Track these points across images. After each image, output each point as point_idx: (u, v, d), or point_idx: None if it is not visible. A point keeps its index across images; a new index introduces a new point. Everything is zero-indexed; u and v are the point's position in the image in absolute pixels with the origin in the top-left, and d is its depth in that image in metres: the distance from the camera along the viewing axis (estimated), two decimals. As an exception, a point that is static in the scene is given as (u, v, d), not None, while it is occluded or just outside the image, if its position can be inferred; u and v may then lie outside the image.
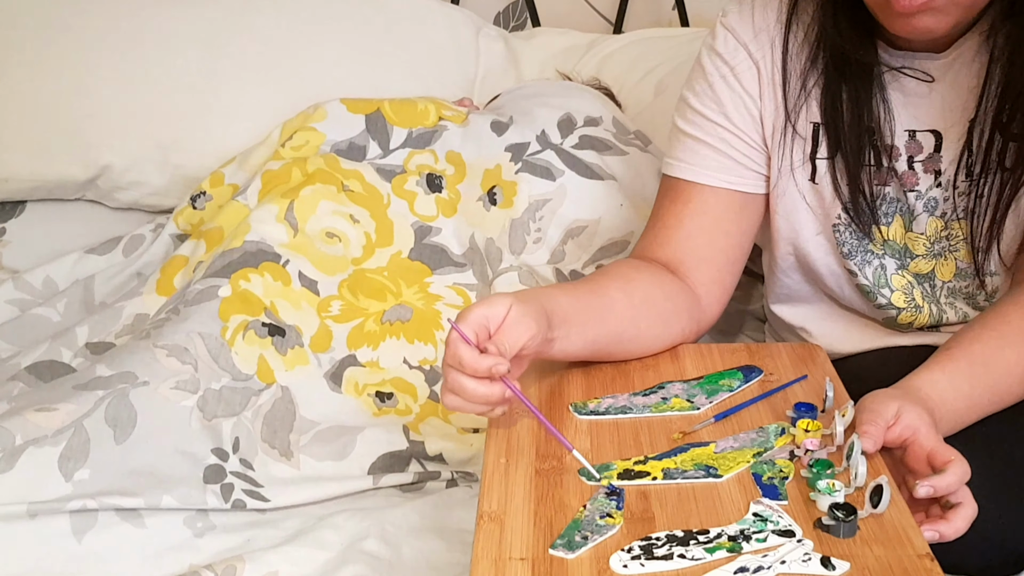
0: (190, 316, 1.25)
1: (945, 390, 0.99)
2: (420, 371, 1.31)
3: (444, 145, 1.46)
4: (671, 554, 0.82)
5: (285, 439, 1.19)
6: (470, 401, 0.94)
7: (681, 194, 1.17)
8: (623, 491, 0.89)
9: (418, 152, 1.44)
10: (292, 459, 1.18)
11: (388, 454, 1.20)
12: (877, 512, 0.85)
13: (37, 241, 1.61)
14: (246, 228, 1.35)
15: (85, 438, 1.10)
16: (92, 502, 1.06)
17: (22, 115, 1.62)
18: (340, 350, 1.30)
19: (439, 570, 1.06)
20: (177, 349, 1.21)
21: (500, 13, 1.94)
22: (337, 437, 1.21)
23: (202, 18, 1.67)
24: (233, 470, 1.15)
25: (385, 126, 1.41)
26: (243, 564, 1.05)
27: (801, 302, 1.27)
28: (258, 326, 1.26)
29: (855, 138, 1.11)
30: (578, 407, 1.02)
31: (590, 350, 1.06)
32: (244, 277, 1.30)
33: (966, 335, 1.05)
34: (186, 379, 1.19)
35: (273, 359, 1.25)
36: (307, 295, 1.33)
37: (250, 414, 1.19)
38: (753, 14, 1.15)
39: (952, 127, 1.11)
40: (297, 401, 1.23)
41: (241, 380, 1.22)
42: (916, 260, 1.17)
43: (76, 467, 1.08)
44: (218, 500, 1.12)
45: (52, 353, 1.32)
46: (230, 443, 1.17)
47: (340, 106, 1.46)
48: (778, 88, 1.14)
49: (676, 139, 1.19)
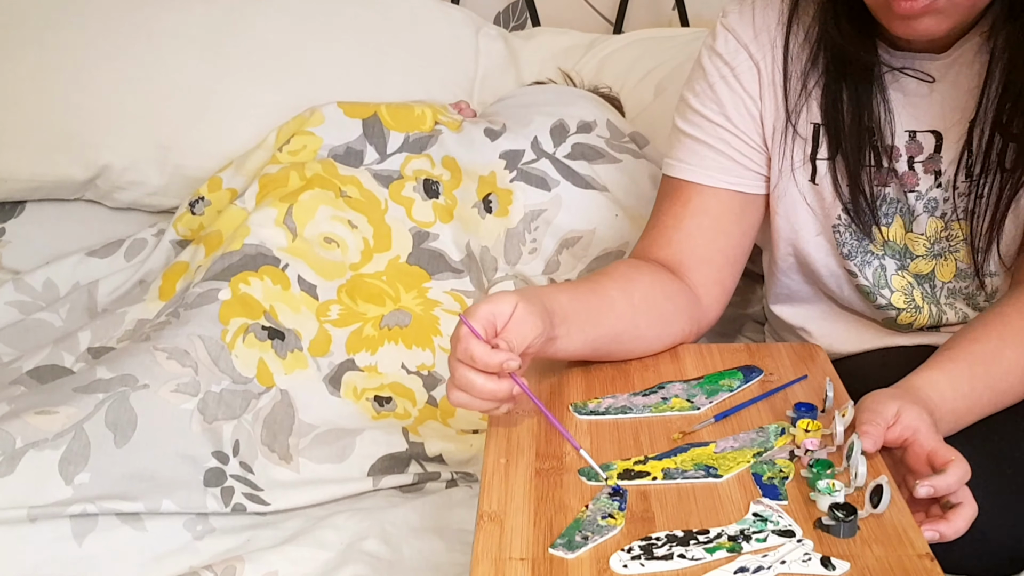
0: (190, 319, 1.25)
1: (945, 390, 0.99)
2: (418, 376, 1.31)
3: (440, 150, 1.46)
4: (671, 554, 0.82)
5: (284, 442, 1.19)
6: (478, 397, 0.93)
7: (681, 194, 1.17)
8: (627, 492, 0.89)
9: (415, 157, 1.44)
10: (291, 462, 1.18)
11: (388, 456, 1.20)
12: (877, 512, 0.85)
13: (37, 241, 1.61)
14: (245, 231, 1.35)
15: (85, 441, 1.10)
16: (92, 506, 1.06)
17: (22, 115, 1.62)
18: (339, 354, 1.30)
19: (439, 570, 1.06)
20: (177, 352, 1.21)
21: (500, 13, 1.94)
22: (336, 440, 1.21)
23: (202, 18, 1.67)
24: (233, 473, 1.15)
25: (382, 130, 1.41)
26: (243, 564, 1.05)
27: (801, 302, 1.27)
28: (258, 329, 1.26)
29: (855, 139, 1.11)
30: (578, 407, 1.02)
31: (590, 349, 1.06)
32: (244, 280, 1.30)
33: (966, 335, 1.05)
34: (186, 382, 1.19)
35: (273, 362, 1.25)
36: (306, 299, 1.33)
37: (250, 417, 1.19)
38: (753, 15, 1.15)
39: (952, 127, 1.11)
40: (296, 404, 1.23)
41: (241, 383, 1.22)
42: (916, 261, 1.17)
43: (76, 470, 1.08)
44: (218, 504, 1.12)
45: (54, 358, 1.32)
46: (230, 446, 1.17)
47: (337, 110, 1.46)
48: (778, 89, 1.14)
49: (676, 139, 1.19)
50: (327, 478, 1.18)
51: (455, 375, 0.94)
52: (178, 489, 1.10)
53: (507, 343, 0.93)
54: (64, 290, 1.47)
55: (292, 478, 1.17)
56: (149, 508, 1.08)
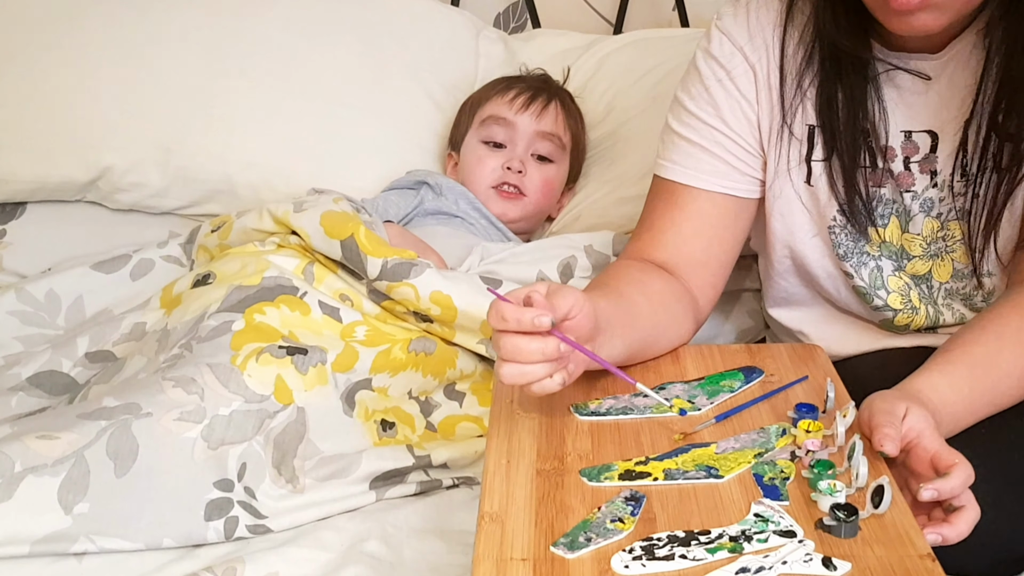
0: (203, 352, 1.21)
1: (945, 392, 0.99)
2: (416, 402, 1.29)
3: (426, 284, 1.31)
4: (672, 554, 0.82)
5: (291, 464, 1.16)
6: (527, 361, 0.90)
7: (677, 198, 1.17)
8: (644, 497, 0.89)
9: (396, 285, 1.31)
10: (297, 484, 1.15)
11: (393, 471, 1.18)
12: (878, 513, 0.85)
13: (38, 243, 1.60)
14: (265, 265, 1.31)
15: (85, 469, 1.07)
16: (93, 546, 1.05)
17: (22, 116, 1.61)
18: (361, 372, 1.26)
19: (440, 571, 1.06)
20: (184, 380, 1.16)
21: (500, 14, 1.94)
22: (342, 458, 1.18)
23: (203, 19, 1.67)
24: (239, 499, 1.12)
25: (359, 255, 1.31)
26: (243, 565, 1.04)
27: (798, 305, 1.27)
28: (274, 349, 1.21)
29: (851, 139, 1.11)
30: (579, 408, 1.02)
31: (625, 355, 1.05)
32: (259, 311, 1.25)
33: (965, 337, 1.05)
34: (190, 410, 1.14)
35: (292, 379, 1.20)
36: (329, 322, 1.28)
37: (261, 439, 1.15)
38: (748, 16, 1.15)
39: (948, 127, 1.11)
40: (309, 424, 1.19)
41: (255, 402, 1.17)
42: (913, 261, 1.17)
43: (76, 500, 1.06)
44: (218, 536, 1.10)
45: (53, 363, 1.31)
46: (235, 471, 1.13)
47: (318, 228, 1.33)
48: (774, 90, 1.14)
49: (670, 140, 1.19)
50: (330, 496, 1.16)
51: (498, 347, 0.91)
52: (178, 527, 1.09)
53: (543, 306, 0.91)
54: (67, 302, 1.44)
55: (296, 502, 1.14)
56: (149, 546, 1.07)
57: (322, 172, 1.62)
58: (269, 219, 1.38)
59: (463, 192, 1.57)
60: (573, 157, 1.64)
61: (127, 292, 1.45)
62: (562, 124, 1.61)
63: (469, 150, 1.61)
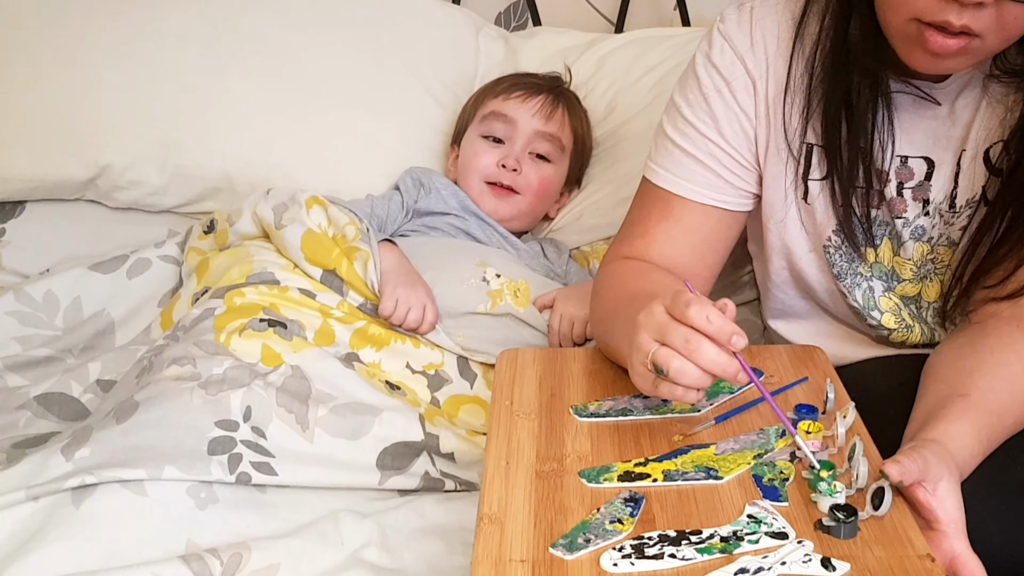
0: (188, 337, 1.24)
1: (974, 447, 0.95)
2: (423, 376, 1.30)
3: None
4: (662, 554, 0.82)
5: (303, 408, 1.17)
6: (706, 368, 0.88)
7: (672, 208, 1.16)
8: (643, 499, 0.89)
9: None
10: (307, 430, 1.15)
11: (402, 443, 1.18)
12: (878, 514, 0.85)
13: (37, 241, 1.60)
14: (248, 268, 1.34)
15: (87, 427, 1.10)
16: (91, 476, 1.04)
17: (22, 115, 1.61)
18: (343, 347, 1.29)
19: (440, 572, 1.06)
20: (174, 359, 1.20)
21: (501, 13, 1.94)
22: (355, 415, 1.18)
23: (202, 17, 1.67)
24: (244, 439, 1.13)
25: (341, 285, 1.34)
26: (248, 553, 1.03)
27: (798, 318, 1.26)
28: (255, 323, 1.25)
29: (849, 160, 1.09)
30: (579, 409, 1.02)
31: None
32: (239, 294, 1.29)
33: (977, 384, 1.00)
34: (186, 375, 1.17)
35: (277, 345, 1.23)
36: (306, 300, 1.32)
37: (261, 383, 1.17)
38: (752, 23, 1.12)
39: (944, 156, 1.10)
40: (310, 376, 1.21)
41: (246, 366, 1.20)
42: (903, 284, 1.16)
43: (77, 448, 1.07)
44: (223, 471, 1.09)
45: (62, 386, 1.31)
46: (240, 412, 1.14)
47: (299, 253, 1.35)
48: (772, 106, 1.12)
49: (663, 146, 1.17)
50: (338, 457, 1.16)
51: (684, 341, 0.88)
52: (180, 457, 1.08)
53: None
54: (65, 303, 1.45)
55: (305, 449, 1.15)
56: (151, 475, 1.06)
57: (322, 169, 1.62)
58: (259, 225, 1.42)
59: (455, 191, 1.57)
60: (574, 159, 1.64)
61: (124, 292, 1.46)
62: (564, 126, 1.61)
63: (468, 143, 1.61)
